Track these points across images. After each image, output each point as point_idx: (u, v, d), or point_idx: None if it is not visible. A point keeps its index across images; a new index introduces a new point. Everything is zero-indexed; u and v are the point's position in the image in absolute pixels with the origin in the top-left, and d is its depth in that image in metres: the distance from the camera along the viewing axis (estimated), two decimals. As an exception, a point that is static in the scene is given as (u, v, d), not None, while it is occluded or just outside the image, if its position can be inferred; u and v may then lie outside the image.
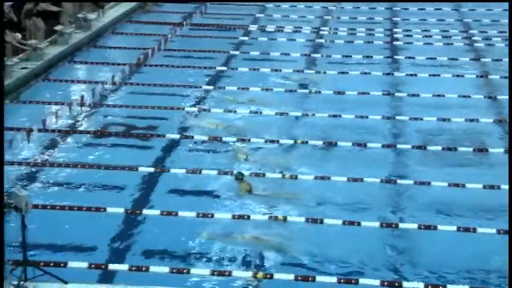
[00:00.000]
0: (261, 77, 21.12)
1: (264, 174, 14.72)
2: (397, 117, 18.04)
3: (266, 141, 16.45)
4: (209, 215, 12.98)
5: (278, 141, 16.47)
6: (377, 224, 12.78)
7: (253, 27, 26.61)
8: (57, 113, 14.25)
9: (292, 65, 22.18)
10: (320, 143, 16.41)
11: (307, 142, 16.39)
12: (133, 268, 11.24)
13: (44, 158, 15.45)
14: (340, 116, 17.88)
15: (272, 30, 26.25)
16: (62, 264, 11.16)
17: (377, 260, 11.79)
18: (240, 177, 14.22)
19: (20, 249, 10.48)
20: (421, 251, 12.19)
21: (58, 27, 23.11)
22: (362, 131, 17.05)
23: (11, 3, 21.28)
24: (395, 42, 24.76)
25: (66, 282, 10.57)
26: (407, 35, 25.45)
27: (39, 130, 13.52)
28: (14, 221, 10.67)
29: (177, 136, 16.64)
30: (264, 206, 13.57)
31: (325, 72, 21.60)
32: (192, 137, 16.61)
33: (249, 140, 16.40)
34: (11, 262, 10.43)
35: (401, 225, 12.85)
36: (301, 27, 26.49)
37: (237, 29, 26.31)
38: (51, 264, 11.06)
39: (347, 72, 21.41)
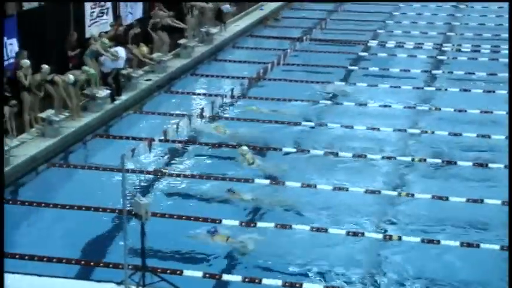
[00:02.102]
0: (379, 93, 20.95)
1: (379, 192, 14.58)
2: (522, 137, 17.41)
3: (383, 158, 16.28)
4: (322, 230, 12.98)
5: (395, 158, 16.27)
6: (497, 246, 12.37)
7: (373, 43, 26.43)
8: (178, 124, 14.66)
9: (411, 82, 21.88)
10: (438, 161, 16.08)
11: (425, 160, 16.10)
12: (247, 279, 11.38)
13: (164, 167, 15.91)
14: (460, 134, 17.47)
15: (392, 46, 25.98)
16: (178, 272, 11.46)
17: (496, 284, 11.40)
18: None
19: (139, 255, 10.84)
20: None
21: (181, 41, 23.81)
22: (484, 151, 16.57)
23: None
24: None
25: (181, 290, 10.84)
26: (536, 53, 24.55)
27: (160, 140, 13.95)
28: (134, 228, 11.05)
29: (293, 150, 16.73)
30: (378, 224, 13.44)
31: (446, 90, 21.17)
32: (308, 151, 16.66)
33: (365, 156, 16.30)
34: (130, 267, 10.81)
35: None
36: (422, 43, 26.08)
37: (357, 44, 26.21)
38: (168, 271, 11.38)
39: (469, 90, 20.89)
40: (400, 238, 12.73)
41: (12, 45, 17.20)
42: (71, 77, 17.45)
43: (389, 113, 19.30)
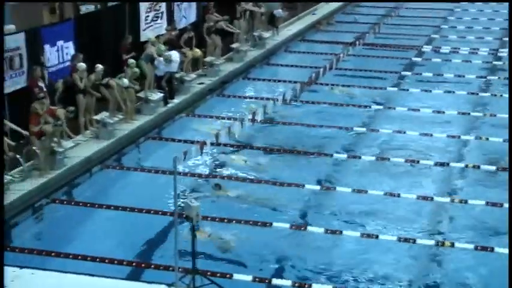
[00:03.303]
0: (432, 98, 20.68)
1: (432, 198, 14.38)
2: None
3: (435, 164, 16.06)
4: (373, 236, 12.85)
5: (448, 164, 16.04)
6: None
7: (426, 48, 26.12)
8: (229, 128, 14.68)
9: (466, 87, 21.54)
10: (493, 168, 15.77)
11: (478, 167, 15.82)
12: (296, 284, 11.33)
13: (215, 171, 15.95)
14: (516, 141, 17.12)
15: (447, 52, 25.62)
16: (227, 276, 11.46)
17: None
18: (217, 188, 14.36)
19: (190, 258, 10.88)
20: None
21: (234, 45, 23.88)
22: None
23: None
24: None
25: (231, 293, 10.85)
26: None
27: (212, 144, 14.00)
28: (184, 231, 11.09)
29: (344, 156, 16.62)
30: (430, 231, 13.26)
31: (501, 96, 20.77)
32: (360, 157, 16.54)
33: (417, 162, 16.10)
34: (181, 269, 10.85)
35: None
36: (477, 49, 25.66)
37: (410, 49, 25.93)
38: (218, 274, 11.39)
39: (525, 96, 20.47)
40: (452, 245, 12.53)
41: (68, 49, 17.50)
42: (125, 80, 17.67)
43: (442, 119, 19.03)
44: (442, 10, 32.37)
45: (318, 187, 14.99)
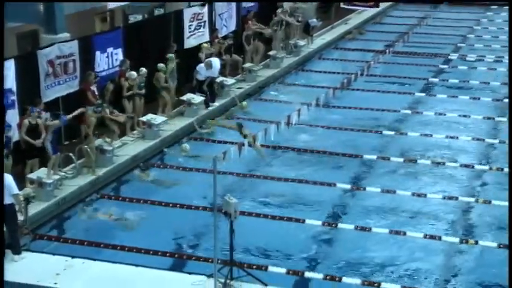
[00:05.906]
0: (459, 104, 20.50)
1: (457, 198, 14.29)
2: None
3: (461, 166, 15.95)
4: (401, 233, 12.82)
5: (473, 166, 15.92)
6: None
7: (453, 56, 25.89)
8: (266, 130, 14.79)
9: (491, 94, 21.32)
10: (516, 170, 15.62)
11: (502, 169, 15.66)
12: (328, 277, 11.35)
13: (253, 170, 16.01)
14: (539, 145, 16.89)
15: (473, 59, 25.36)
16: (263, 268, 11.54)
17: None
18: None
19: (228, 251, 10.97)
20: None
21: (271, 52, 23.94)
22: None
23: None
24: None
25: (266, 285, 10.91)
26: None
27: (249, 145, 14.09)
28: (223, 226, 11.18)
29: (374, 157, 16.58)
30: (454, 229, 13.17)
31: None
32: (388, 159, 16.48)
33: (444, 164, 16.01)
34: (219, 261, 10.95)
35: None
36: (502, 57, 25.34)
37: (438, 57, 25.74)
38: (254, 266, 11.49)
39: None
40: (476, 242, 12.45)
41: (117, 55, 17.73)
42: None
43: (468, 123, 18.87)
44: (468, 20, 32.06)
45: (348, 186, 14.99)
